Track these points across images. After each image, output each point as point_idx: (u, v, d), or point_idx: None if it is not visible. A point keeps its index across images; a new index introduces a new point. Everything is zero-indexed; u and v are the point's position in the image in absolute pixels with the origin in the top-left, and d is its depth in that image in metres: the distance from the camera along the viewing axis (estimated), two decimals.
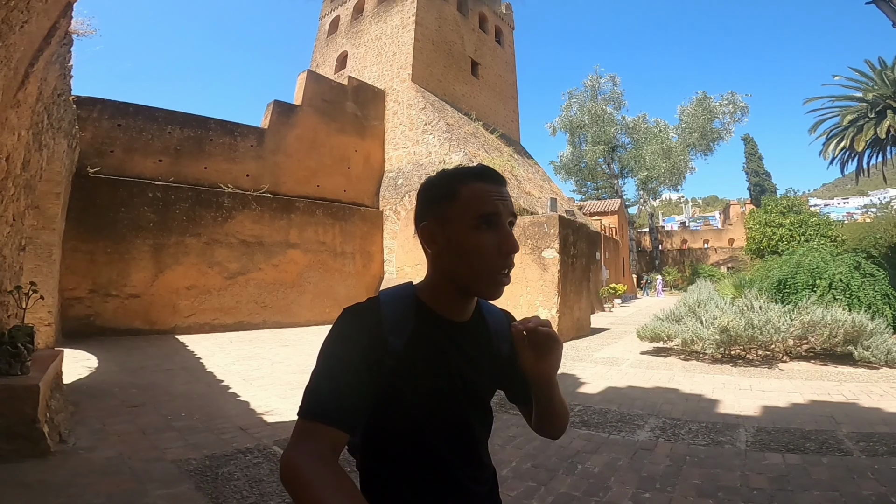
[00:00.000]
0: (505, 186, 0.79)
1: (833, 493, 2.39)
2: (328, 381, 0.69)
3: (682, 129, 27.46)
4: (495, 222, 0.74)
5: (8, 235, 3.30)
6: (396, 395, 0.73)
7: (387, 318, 0.75)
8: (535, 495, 2.45)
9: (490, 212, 0.74)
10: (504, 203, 0.76)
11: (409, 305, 0.78)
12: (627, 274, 25.19)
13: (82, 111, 7.97)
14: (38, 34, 2.85)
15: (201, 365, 5.90)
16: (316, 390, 0.69)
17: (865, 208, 43.64)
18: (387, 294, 0.80)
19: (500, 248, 0.73)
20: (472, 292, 0.78)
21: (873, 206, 41.69)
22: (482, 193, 0.75)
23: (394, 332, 0.74)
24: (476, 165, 0.80)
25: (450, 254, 0.75)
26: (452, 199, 0.76)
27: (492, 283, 0.74)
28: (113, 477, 2.59)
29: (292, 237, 10.62)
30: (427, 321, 0.78)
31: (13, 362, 2.88)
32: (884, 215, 22.25)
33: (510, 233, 0.75)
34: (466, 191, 0.76)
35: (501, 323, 0.90)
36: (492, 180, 0.77)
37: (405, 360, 0.73)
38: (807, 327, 6.00)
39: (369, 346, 0.72)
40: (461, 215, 0.75)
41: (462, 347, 0.80)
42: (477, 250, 0.73)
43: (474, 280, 0.75)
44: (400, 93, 14.11)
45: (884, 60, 13.02)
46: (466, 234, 0.74)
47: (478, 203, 0.75)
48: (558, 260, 8.17)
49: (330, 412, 0.66)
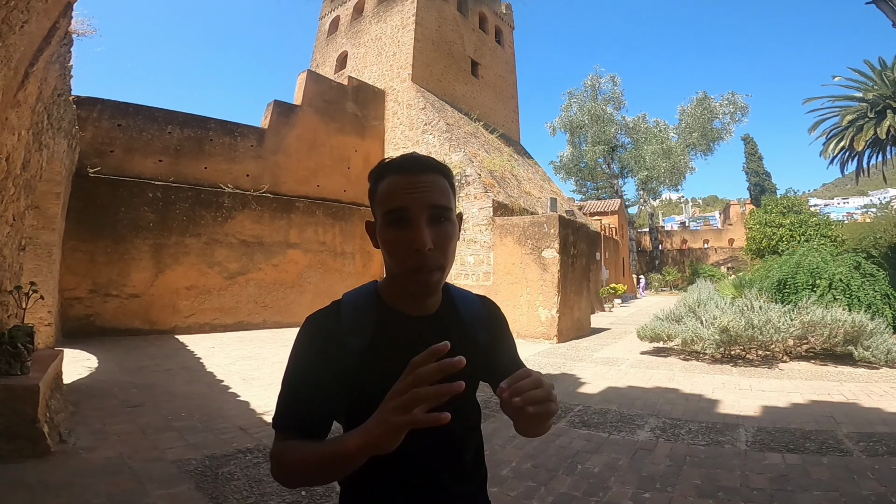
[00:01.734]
0: (429, 174, 0.73)
1: (833, 493, 2.39)
2: (294, 392, 0.73)
3: (682, 129, 27.47)
4: (405, 217, 0.70)
5: (8, 235, 3.30)
6: (364, 396, 0.72)
7: (346, 320, 0.76)
8: (535, 495, 2.45)
9: (395, 207, 0.71)
10: (417, 194, 0.71)
11: (369, 304, 0.78)
12: (627, 274, 25.19)
13: (82, 111, 7.97)
14: (38, 34, 2.84)
15: (201, 365, 5.90)
16: (284, 402, 0.73)
17: (865, 208, 43.64)
18: (349, 295, 0.81)
19: (410, 244, 0.70)
20: (405, 291, 0.75)
21: (873, 206, 41.69)
22: (392, 188, 0.72)
23: (354, 333, 0.74)
24: (400, 156, 0.76)
25: (382, 251, 0.75)
26: (374, 197, 0.76)
27: (412, 281, 0.72)
28: (113, 477, 2.59)
29: (292, 237, 10.62)
30: (388, 318, 0.77)
31: (13, 362, 2.88)
32: (884, 215, 22.25)
33: (420, 228, 0.70)
34: (382, 187, 0.74)
35: (476, 310, 0.87)
36: (408, 171, 0.73)
37: (368, 359, 0.73)
38: (807, 327, 6.00)
39: (329, 352, 0.73)
40: (379, 212, 0.74)
41: (428, 342, 0.72)
42: (389, 249, 0.72)
43: (400, 277, 0.73)
44: (400, 93, 14.11)
45: (884, 60, 13.01)
46: (382, 232, 0.73)
47: (387, 199, 0.72)
48: (558, 260, 8.17)
49: (299, 425, 0.72)
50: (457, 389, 0.56)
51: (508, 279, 8.75)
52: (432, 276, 0.71)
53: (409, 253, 0.70)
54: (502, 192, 11.24)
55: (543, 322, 8.15)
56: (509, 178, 13.20)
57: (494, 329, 0.89)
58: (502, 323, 0.92)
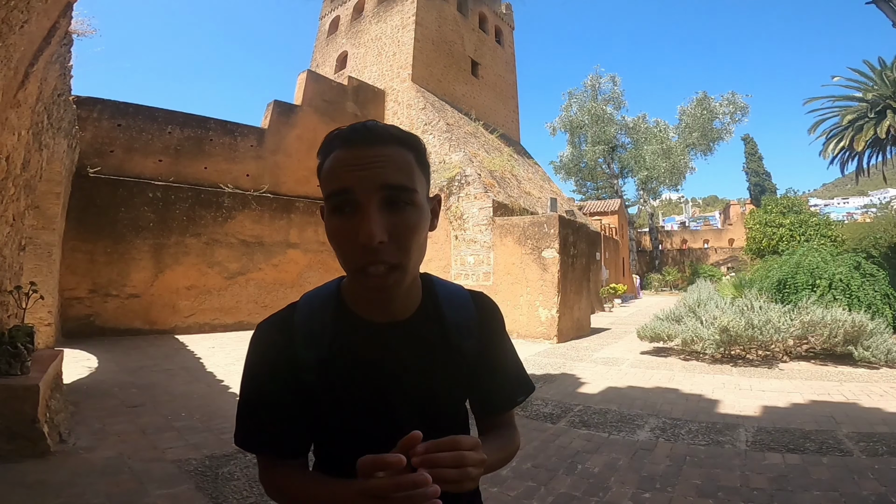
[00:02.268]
0: (384, 147, 0.58)
1: (833, 493, 2.39)
2: (251, 412, 0.67)
3: (682, 129, 27.46)
4: (350, 202, 0.57)
5: (8, 235, 3.30)
6: (323, 418, 0.65)
7: (299, 329, 0.65)
8: (535, 495, 2.45)
9: (337, 189, 0.58)
10: (365, 172, 0.56)
11: (326, 308, 0.67)
12: (627, 274, 25.18)
13: (82, 111, 7.97)
14: (38, 34, 2.85)
15: (201, 365, 5.90)
16: (244, 422, 0.67)
17: (865, 208, 43.66)
18: (306, 298, 0.69)
19: (355, 236, 0.56)
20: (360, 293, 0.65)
21: (873, 206, 41.70)
22: (334, 166, 0.59)
23: (307, 345, 0.64)
24: (349, 125, 0.61)
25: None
26: (320, 177, 0.62)
27: (360, 283, 0.59)
28: (113, 477, 2.59)
29: (292, 237, 10.62)
30: (348, 327, 0.65)
31: (13, 362, 2.87)
32: (884, 215, 22.26)
33: (367, 215, 0.55)
34: (327, 164, 0.60)
35: (465, 312, 0.72)
36: (354, 143, 0.58)
37: (323, 375, 0.63)
38: (807, 327, 6.00)
39: (280, 367, 0.64)
40: (324, 196, 0.61)
41: (396, 352, 0.65)
42: (332, 242, 0.59)
43: (351, 278, 0.62)
44: (400, 93, 14.12)
45: (883, 60, 13.02)
46: (326, 221, 0.61)
47: (329, 179, 0.59)
48: (558, 260, 8.17)
49: (267, 446, 0.66)
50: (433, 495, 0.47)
51: (508, 279, 8.75)
52: (387, 277, 0.57)
53: (354, 247, 0.57)
54: (502, 192, 11.24)
55: (543, 322, 8.15)
56: (509, 178, 13.20)
57: (486, 334, 0.74)
58: (497, 326, 0.77)
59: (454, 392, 0.70)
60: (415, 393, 0.65)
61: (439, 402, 0.68)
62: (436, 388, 0.67)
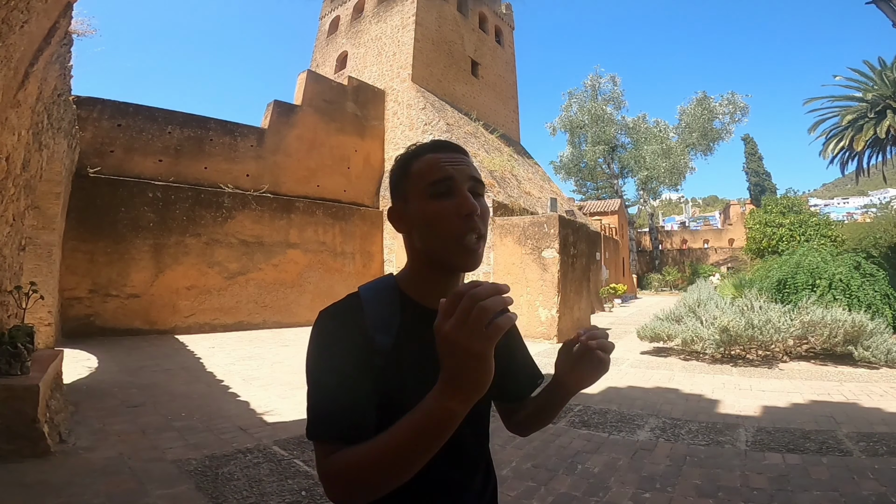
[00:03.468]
0: (462, 154, 0.76)
1: (833, 493, 2.39)
2: (332, 397, 0.64)
3: (682, 129, 27.46)
4: (449, 187, 0.71)
5: (8, 235, 3.30)
6: (386, 397, 0.67)
7: (371, 315, 0.70)
8: (535, 495, 2.45)
9: (440, 177, 0.72)
10: (457, 167, 0.73)
11: (393, 298, 0.74)
12: (627, 274, 25.18)
13: (82, 111, 7.97)
14: (38, 34, 2.85)
15: (201, 365, 5.90)
16: (322, 411, 0.64)
17: (865, 208, 43.61)
18: (367, 289, 0.75)
19: (458, 210, 0.69)
20: (446, 266, 0.72)
21: (873, 206, 41.65)
22: (432, 162, 0.73)
23: (380, 330, 0.69)
24: (431, 140, 0.78)
25: (417, 230, 0.73)
26: (408, 176, 0.75)
27: (460, 250, 0.70)
28: (113, 477, 2.59)
29: (292, 237, 10.62)
30: (414, 314, 0.73)
31: (13, 362, 2.88)
32: (884, 215, 22.24)
33: (467, 195, 0.71)
34: (419, 163, 0.74)
35: None
36: (444, 149, 0.75)
37: (393, 358, 0.68)
38: (807, 327, 6.00)
39: (357, 347, 0.67)
40: (416, 188, 0.73)
41: None
42: (435, 218, 0.70)
43: (443, 251, 0.71)
44: (400, 93, 14.11)
45: (883, 60, 13.02)
46: (424, 205, 0.72)
47: (429, 172, 0.73)
48: (558, 260, 8.17)
49: (347, 434, 0.62)
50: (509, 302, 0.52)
51: (508, 279, 8.75)
52: (479, 243, 0.71)
53: (456, 220, 0.69)
54: (502, 192, 11.24)
55: (543, 322, 8.15)
56: (509, 178, 13.20)
57: (511, 331, 0.88)
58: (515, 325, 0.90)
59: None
60: None
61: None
62: None
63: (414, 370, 0.69)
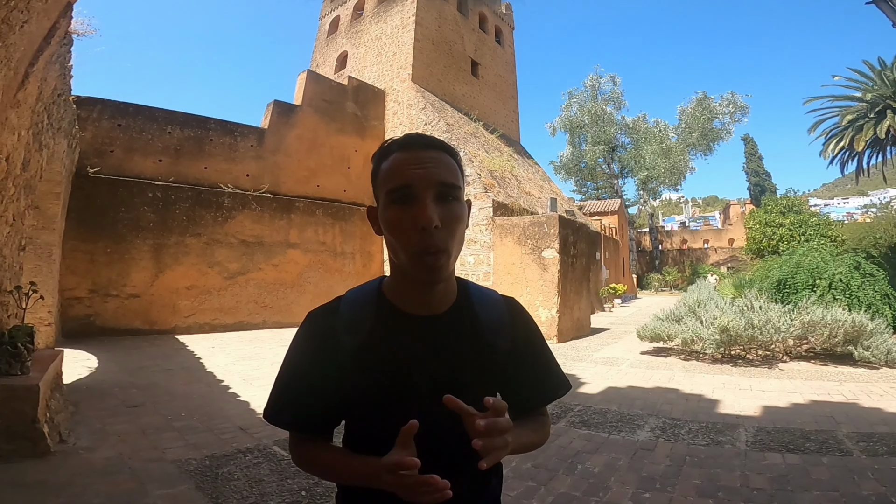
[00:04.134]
0: (435, 150, 0.69)
1: (833, 493, 2.39)
2: (284, 388, 0.75)
3: (681, 129, 27.46)
4: (409, 195, 0.66)
5: (8, 235, 3.30)
6: (356, 396, 0.72)
7: (343, 317, 0.74)
8: (535, 495, 2.45)
9: (399, 184, 0.66)
10: (422, 170, 0.66)
11: (369, 302, 0.75)
12: (627, 274, 25.18)
13: (82, 111, 7.97)
14: (38, 34, 2.85)
15: (201, 365, 5.90)
16: (275, 397, 0.75)
17: (865, 208, 43.57)
18: (351, 292, 0.78)
19: (413, 222, 0.65)
20: (408, 277, 0.69)
21: (873, 206, 41.60)
22: (396, 165, 0.68)
23: (349, 331, 0.72)
24: (404, 135, 0.72)
25: (385, 236, 0.70)
26: (376, 177, 0.71)
27: (417, 265, 0.66)
28: (113, 477, 2.59)
29: (292, 237, 10.62)
30: (386, 317, 0.73)
31: (13, 362, 2.87)
32: (884, 215, 22.20)
33: (425, 204, 0.65)
34: (385, 165, 0.70)
35: (497, 313, 0.79)
36: (412, 147, 0.69)
37: (361, 359, 0.71)
38: (807, 327, 6.00)
39: (324, 350, 0.72)
40: (381, 192, 0.70)
41: (432, 344, 0.72)
42: (392, 227, 0.67)
43: (404, 262, 0.68)
44: (400, 93, 14.11)
45: (883, 60, 13.01)
46: (385, 212, 0.68)
47: (390, 177, 0.68)
48: (558, 260, 8.17)
49: (292, 421, 0.74)
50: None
51: (508, 279, 8.75)
52: (438, 258, 0.65)
53: (413, 233, 0.65)
54: (502, 192, 11.25)
55: (543, 322, 8.15)
56: (509, 178, 13.20)
57: (520, 336, 0.81)
58: (531, 329, 0.84)
59: (482, 386, 0.74)
60: (443, 383, 0.69)
61: (465, 394, 0.68)
62: (464, 380, 0.73)
63: (379, 370, 0.71)
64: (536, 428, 0.80)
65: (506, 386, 0.80)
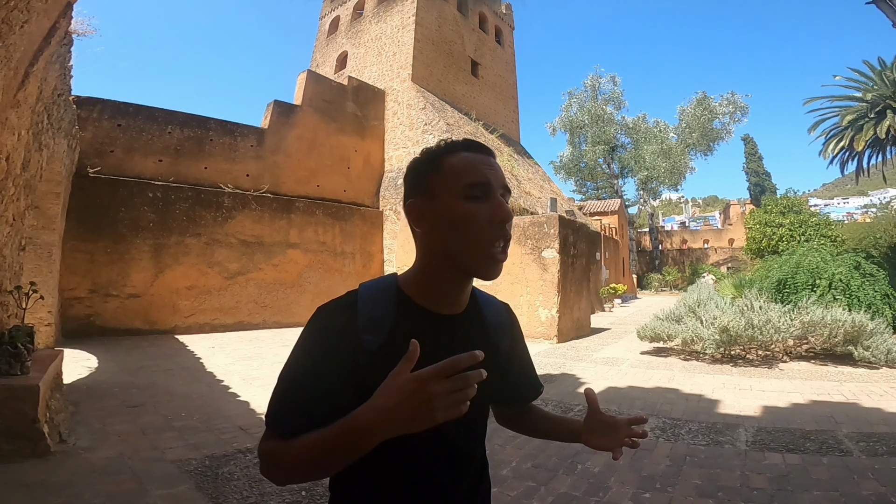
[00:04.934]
0: (494, 157, 0.75)
1: (833, 493, 2.39)
2: (295, 389, 0.68)
3: (681, 129, 27.46)
4: (486, 192, 0.70)
5: (8, 235, 3.30)
6: (369, 395, 0.66)
7: (363, 315, 0.70)
8: (535, 495, 2.45)
9: (479, 181, 0.70)
10: (494, 172, 0.72)
11: (389, 299, 0.72)
12: (627, 274, 25.18)
13: (82, 111, 7.97)
14: (38, 34, 2.85)
15: (201, 365, 5.90)
16: (282, 399, 0.68)
17: (865, 208, 43.59)
18: (366, 287, 0.75)
19: (491, 217, 0.68)
20: (467, 271, 0.71)
21: (873, 206, 41.64)
22: (470, 162, 0.71)
23: (370, 330, 0.69)
24: (462, 139, 0.76)
25: (440, 230, 0.70)
26: (439, 172, 0.71)
27: (487, 257, 0.69)
28: (113, 477, 2.59)
29: (292, 237, 10.62)
30: (409, 315, 0.71)
31: (13, 362, 2.87)
32: (884, 215, 22.24)
33: (502, 201, 0.70)
34: (453, 160, 0.71)
35: (501, 315, 0.85)
36: (479, 150, 0.73)
37: (383, 359, 0.66)
38: (807, 327, 6.00)
39: (340, 349, 0.67)
40: (449, 186, 0.70)
41: (450, 343, 0.71)
42: (467, 221, 0.68)
43: (468, 256, 0.69)
44: (400, 93, 14.11)
45: (883, 60, 13.01)
46: (455, 205, 0.69)
47: (466, 172, 0.70)
48: (558, 260, 8.17)
49: (297, 426, 0.66)
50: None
51: (508, 279, 8.75)
52: (504, 254, 0.70)
53: (490, 226, 0.68)
54: None
55: (543, 322, 8.15)
56: (509, 178, 13.21)
57: (517, 337, 0.90)
58: (521, 333, 0.93)
59: (491, 384, 0.75)
60: None
61: (478, 393, 0.71)
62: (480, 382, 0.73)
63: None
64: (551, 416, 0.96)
65: (501, 383, 0.84)
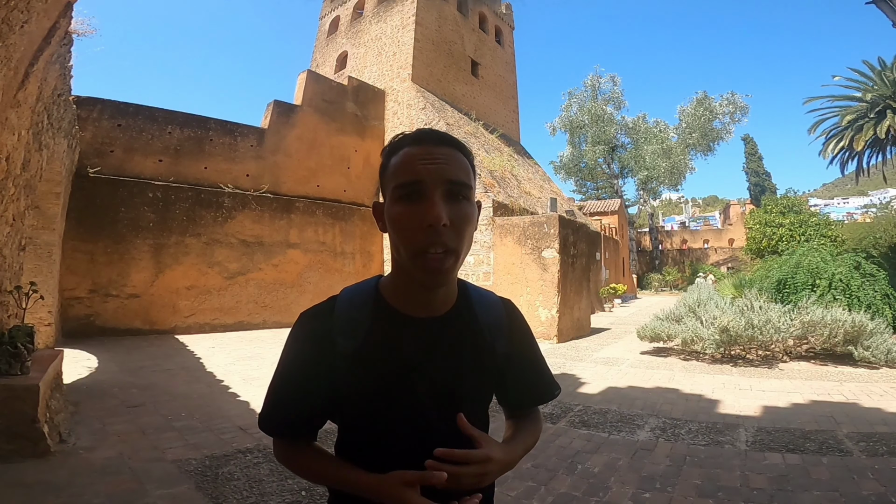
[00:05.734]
0: (448, 147, 0.66)
1: (833, 493, 2.39)
2: (278, 395, 0.72)
3: (681, 129, 27.45)
4: (418, 191, 0.63)
5: (8, 235, 3.30)
6: (354, 399, 0.69)
7: (339, 319, 0.70)
8: (535, 495, 2.45)
9: (407, 180, 0.63)
10: (433, 166, 0.63)
11: (366, 303, 0.71)
12: (627, 274, 25.18)
13: (82, 111, 7.97)
14: (38, 34, 2.85)
15: (201, 365, 5.90)
16: (269, 404, 0.73)
17: (865, 208, 43.56)
18: (346, 292, 0.75)
19: (420, 219, 0.62)
20: (410, 278, 0.67)
21: (873, 206, 41.61)
22: (406, 160, 0.65)
23: (345, 334, 0.69)
24: (417, 129, 0.69)
25: (389, 234, 0.67)
26: (385, 171, 0.68)
27: (421, 265, 0.63)
28: (113, 477, 2.59)
29: (292, 237, 10.62)
30: (385, 319, 0.70)
31: (13, 362, 2.87)
32: (884, 215, 22.21)
33: (435, 202, 0.62)
34: (395, 160, 0.67)
35: (496, 315, 0.78)
36: (424, 142, 0.66)
37: (356, 362, 0.68)
38: (807, 327, 6.00)
39: (317, 353, 0.69)
40: (388, 187, 0.67)
41: (429, 346, 0.70)
42: (395, 225, 0.64)
43: (406, 262, 0.65)
44: (400, 93, 14.11)
45: (883, 60, 13.01)
46: (391, 208, 0.65)
47: (399, 171, 0.65)
48: (558, 260, 8.17)
49: (284, 429, 0.72)
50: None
51: (508, 279, 8.75)
52: (445, 259, 0.63)
53: (419, 230, 0.62)
54: (502, 192, 11.24)
55: (543, 322, 8.15)
56: (509, 178, 13.20)
57: (516, 338, 0.81)
58: (525, 331, 0.84)
59: (480, 388, 0.75)
60: (441, 386, 0.69)
61: (464, 397, 0.72)
62: (463, 382, 0.72)
63: (377, 374, 0.68)
64: (525, 438, 0.80)
65: (501, 387, 0.81)
